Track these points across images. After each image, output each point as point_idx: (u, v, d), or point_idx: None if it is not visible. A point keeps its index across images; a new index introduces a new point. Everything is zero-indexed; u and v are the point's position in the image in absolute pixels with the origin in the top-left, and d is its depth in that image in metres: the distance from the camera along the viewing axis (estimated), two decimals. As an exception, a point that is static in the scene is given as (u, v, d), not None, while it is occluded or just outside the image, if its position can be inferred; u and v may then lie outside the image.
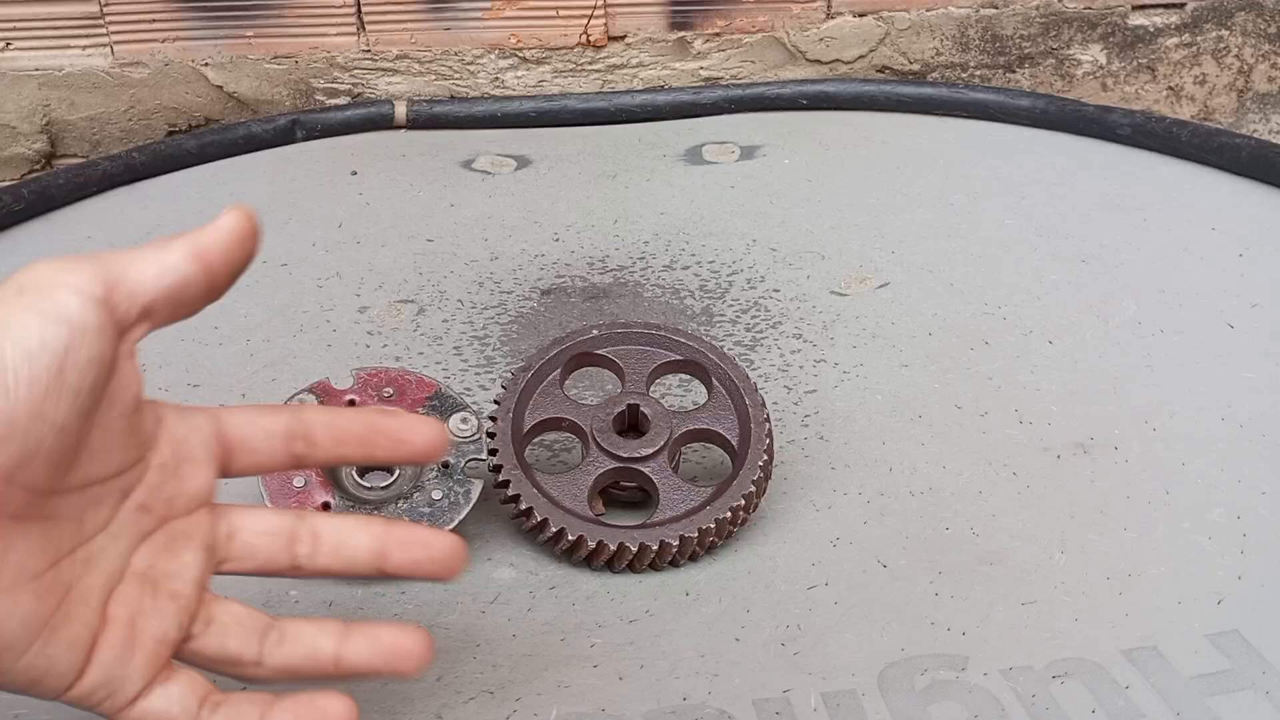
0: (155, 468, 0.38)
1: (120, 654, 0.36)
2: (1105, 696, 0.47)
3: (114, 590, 0.36)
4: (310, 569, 0.41)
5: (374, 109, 0.96)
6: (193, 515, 0.39)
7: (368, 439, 0.41)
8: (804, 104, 0.99)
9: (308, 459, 0.41)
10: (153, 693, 0.37)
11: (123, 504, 0.37)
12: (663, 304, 0.74)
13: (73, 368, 0.33)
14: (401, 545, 0.41)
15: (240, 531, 0.40)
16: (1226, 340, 0.69)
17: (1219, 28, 1.11)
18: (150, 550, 0.37)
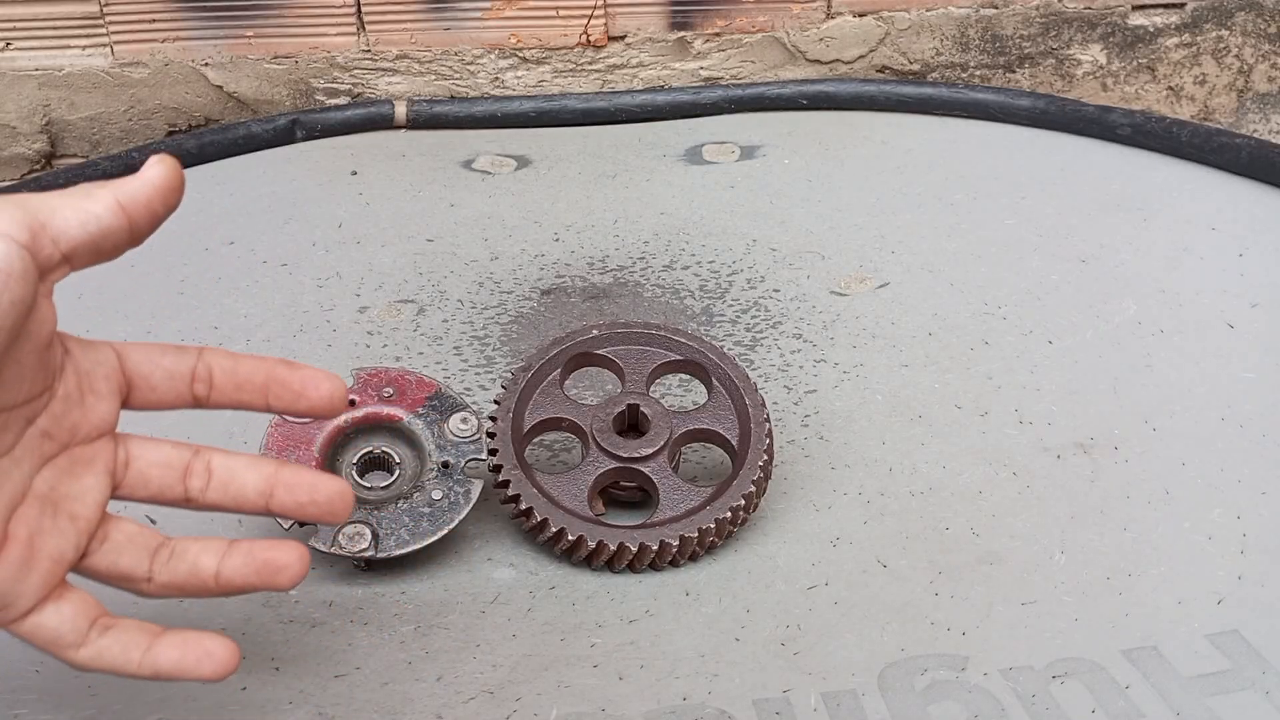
0: (60, 397, 0.39)
1: (16, 571, 0.37)
2: (1105, 696, 0.47)
3: (16, 510, 0.38)
4: (201, 502, 0.42)
5: (374, 109, 0.96)
6: (95, 443, 0.40)
7: (267, 388, 0.42)
8: (804, 104, 0.99)
9: (208, 401, 0.42)
10: (45, 609, 0.38)
11: (27, 430, 0.38)
12: (663, 304, 0.74)
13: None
14: (288, 487, 0.42)
15: (136, 460, 0.41)
16: (1226, 340, 0.69)
17: (1219, 28, 1.11)
18: (52, 473, 0.39)
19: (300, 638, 0.51)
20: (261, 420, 0.56)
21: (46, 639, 0.39)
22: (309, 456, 0.54)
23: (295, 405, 0.43)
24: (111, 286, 0.75)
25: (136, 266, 0.78)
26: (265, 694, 0.48)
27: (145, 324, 0.71)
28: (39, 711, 0.47)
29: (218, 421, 0.63)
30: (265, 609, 0.52)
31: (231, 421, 0.63)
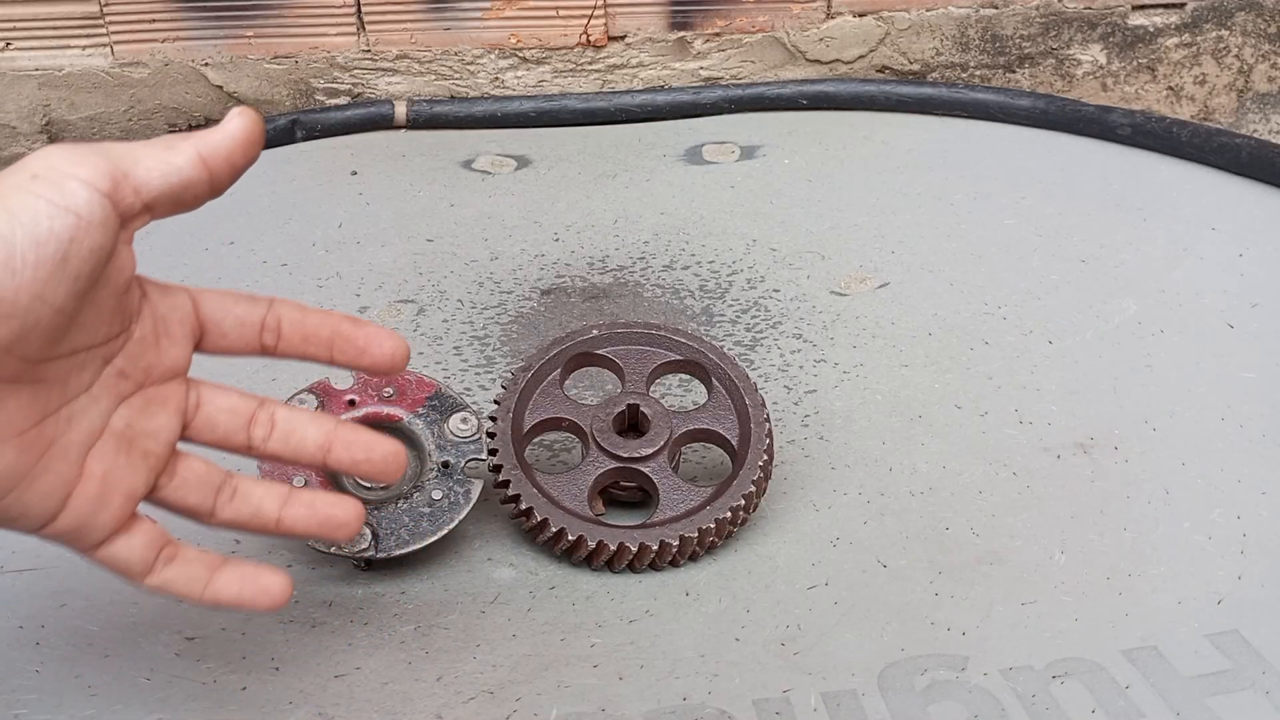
0: (136, 339, 0.41)
1: (92, 506, 0.39)
2: (1105, 696, 0.47)
3: (93, 446, 0.40)
4: (262, 451, 0.44)
5: (374, 109, 0.96)
6: (168, 384, 0.42)
7: (332, 342, 0.44)
8: (804, 104, 0.99)
9: (275, 350, 0.44)
10: (117, 541, 0.41)
11: (104, 369, 0.40)
12: (663, 304, 0.74)
13: (75, 256, 0.35)
14: (345, 444, 0.44)
15: (206, 405, 0.43)
16: (1226, 340, 0.69)
17: (1219, 28, 1.11)
18: (127, 412, 0.41)
19: (300, 638, 0.51)
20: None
21: (117, 567, 0.41)
22: (309, 456, 0.54)
23: (358, 361, 0.45)
24: (111, 286, 0.75)
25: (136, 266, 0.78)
26: (265, 694, 0.48)
27: None
28: (39, 711, 0.47)
29: (218, 421, 0.63)
30: (265, 609, 0.52)
31: (231, 421, 0.63)
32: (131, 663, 0.49)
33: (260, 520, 0.44)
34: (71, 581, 0.53)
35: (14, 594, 0.52)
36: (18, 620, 0.51)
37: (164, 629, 0.51)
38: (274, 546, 0.55)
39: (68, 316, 0.36)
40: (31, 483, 0.38)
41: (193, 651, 0.50)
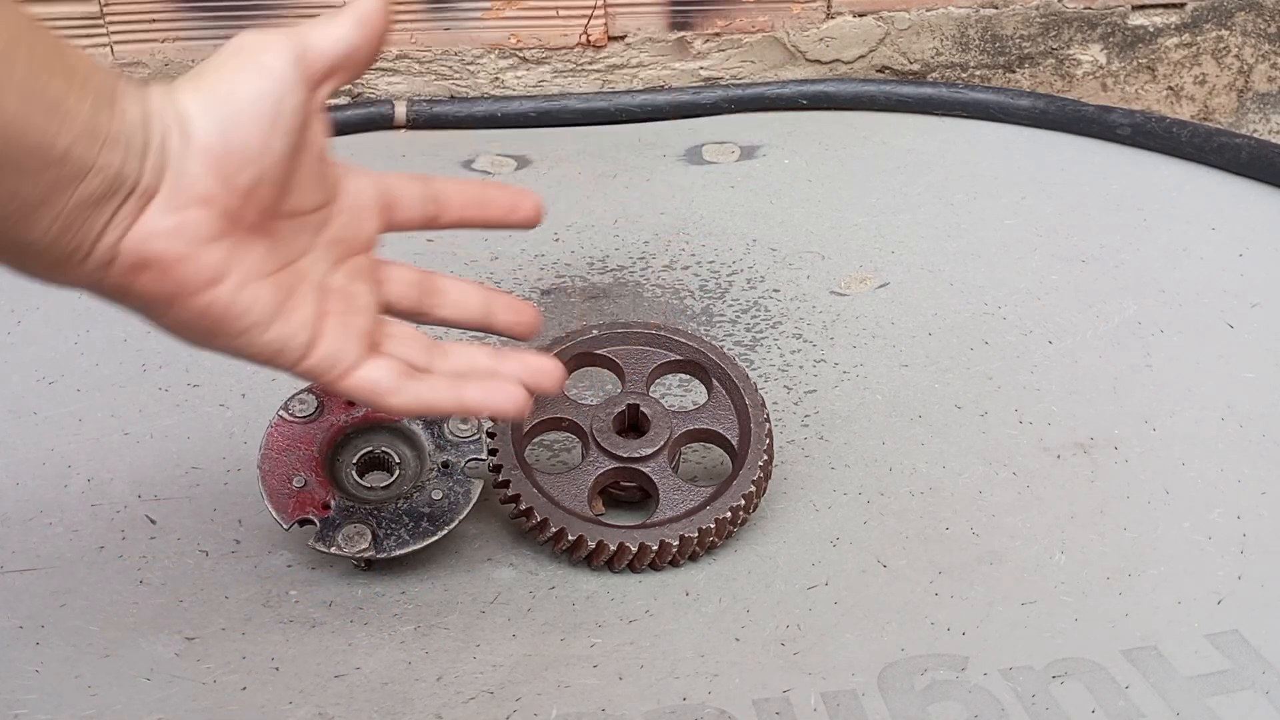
0: (339, 212, 0.46)
1: (339, 336, 0.45)
2: (1105, 696, 0.47)
3: (325, 295, 0.45)
4: (435, 317, 0.50)
5: (374, 109, 0.96)
6: (364, 255, 0.48)
7: (484, 204, 0.50)
8: (804, 104, 0.99)
9: (439, 220, 0.50)
10: (365, 365, 0.46)
11: (318, 236, 0.46)
12: (663, 304, 0.74)
13: (284, 112, 0.41)
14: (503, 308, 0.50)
15: (390, 278, 0.49)
16: (1226, 340, 0.69)
17: (1219, 28, 1.11)
18: (342, 275, 0.46)
19: (300, 638, 0.51)
20: (261, 420, 0.56)
21: (368, 389, 0.45)
22: (309, 456, 0.54)
23: (508, 219, 0.50)
24: (111, 286, 0.75)
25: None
26: (265, 694, 0.48)
27: (145, 324, 0.71)
28: (39, 711, 0.47)
29: (218, 421, 0.63)
30: (265, 609, 0.52)
31: (232, 422, 0.63)
32: (131, 663, 0.49)
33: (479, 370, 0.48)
34: (71, 581, 0.53)
35: (14, 594, 0.52)
36: (18, 620, 0.51)
37: (164, 629, 0.51)
38: (274, 546, 0.55)
39: (286, 169, 0.42)
40: (289, 315, 0.43)
41: (193, 651, 0.50)
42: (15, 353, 0.69)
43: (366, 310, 0.47)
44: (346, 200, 0.47)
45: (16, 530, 0.56)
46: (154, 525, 0.56)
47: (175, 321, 0.43)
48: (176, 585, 0.53)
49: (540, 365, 0.49)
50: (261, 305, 0.42)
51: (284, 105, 0.41)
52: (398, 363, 0.46)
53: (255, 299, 0.42)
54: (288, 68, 0.42)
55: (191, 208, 0.40)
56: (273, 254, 0.43)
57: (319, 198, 0.45)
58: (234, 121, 0.40)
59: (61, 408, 0.64)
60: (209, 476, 0.59)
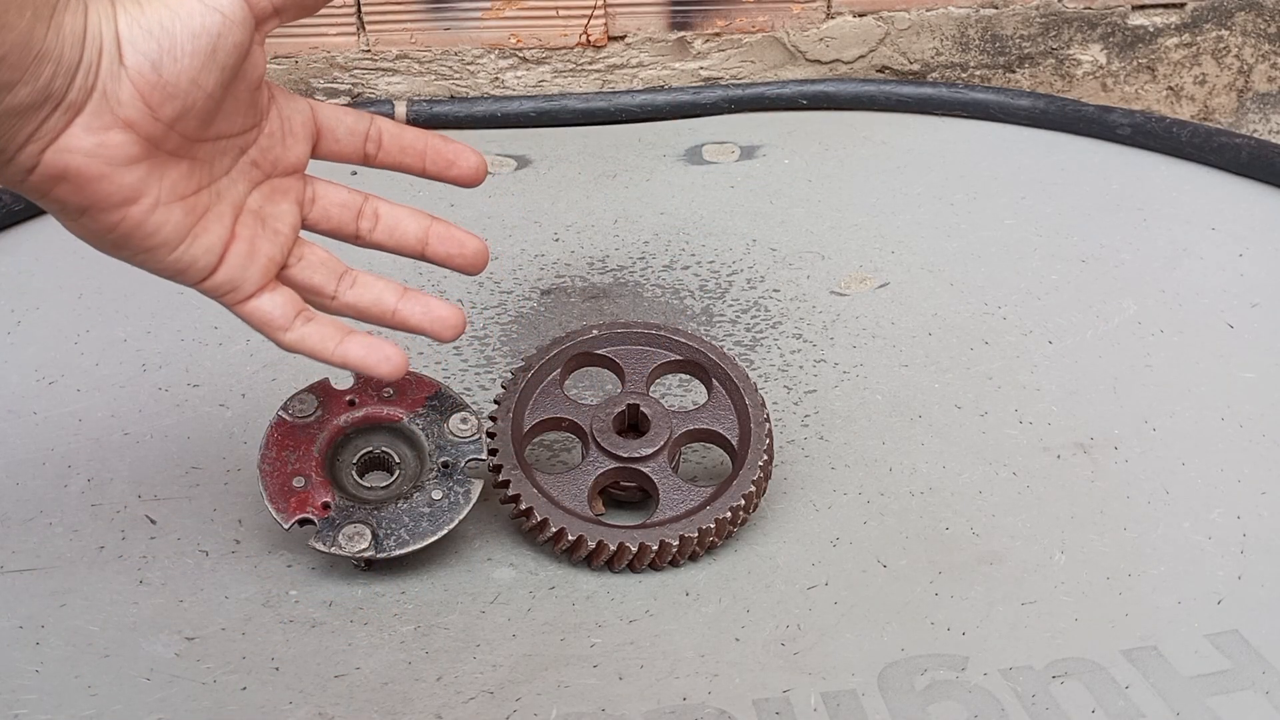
0: (266, 134, 0.47)
1: (243, 261, 0.46)
2: (1105, 696, 0.47)
3: (238, 217, 0.46)
4: (368, 240, 0.51)
5: (374, 109, 0.96)
6: (290, 177, 0.49)
7: (425, 154, 0.51)
8: (804, 104, 0.99)
9: (375, 160, 0.50)
10: (263, 295, 0.47)
11: (241, 158, 0.47)
12: (663, 304, 0.74)
13: (222, 49, 0.42)
14: (441, 238, 0.51)
15: (321, 198, 0.50)
16: (1226, 340, 0.69)
17: (1219, 28, 1.11)
18: (260, 195, 0.47)
19: (300, 638, 0.51)
20: (261, 420, 0.56)
21: (262, 319, 0.47)
22: (309, 456, 0.54)
23: (447, 171, 0.51)
24: (111, 286, 0.75)
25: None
26: (265, 694, 0.48)
27: (145, 324, 0.71)
28: (39, 711, 0.47)
29: (218, 421, 0.63)
30: (265, 609, 0.52)
31: (232, 422, 0.63)
32: (131, 663, 0.49)
33: (379, 308, 0.50)
34: (71, 581, 0.53)
35: (14, 594, 0.52)
36: (18, 620, 0.51)
37: (164, 629, 0.51)
38: (274, 546, 0.55)
39: (216, 102, 0.43)
40: (197, 238, 0.45)
41: (193, 651, 0.50)
42: (15, 353, 0.69)
43: (281, 233, 0.48)
44: (275, 124, 0.47)
45: (16, 530, 0.56)
46: (154, 525, 0.56)
47: (84, 230, 0.43)
48: (176, 585, 0.53)
49: (441, 313, 0.50)
50: (170, 227, 0.44)
51: (223, 42, 0.42)
52: (295, 300, 0.48)
53: (165, 220, 0.43)
54: (236, 6, 0.42)
55: (114, 130, 0.41)
56: (190, 176, 0.44)
57: (246, 123, 0.46)
58: (170, 54, 0.41)
59: (61, 408, 0.64)
60: (209, 476, 0.59)
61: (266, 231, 0.47)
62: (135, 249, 0.44)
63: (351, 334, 0.49)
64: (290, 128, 0.48)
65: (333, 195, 0.50)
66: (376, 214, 0.51)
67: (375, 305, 0.50)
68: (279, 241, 0.48)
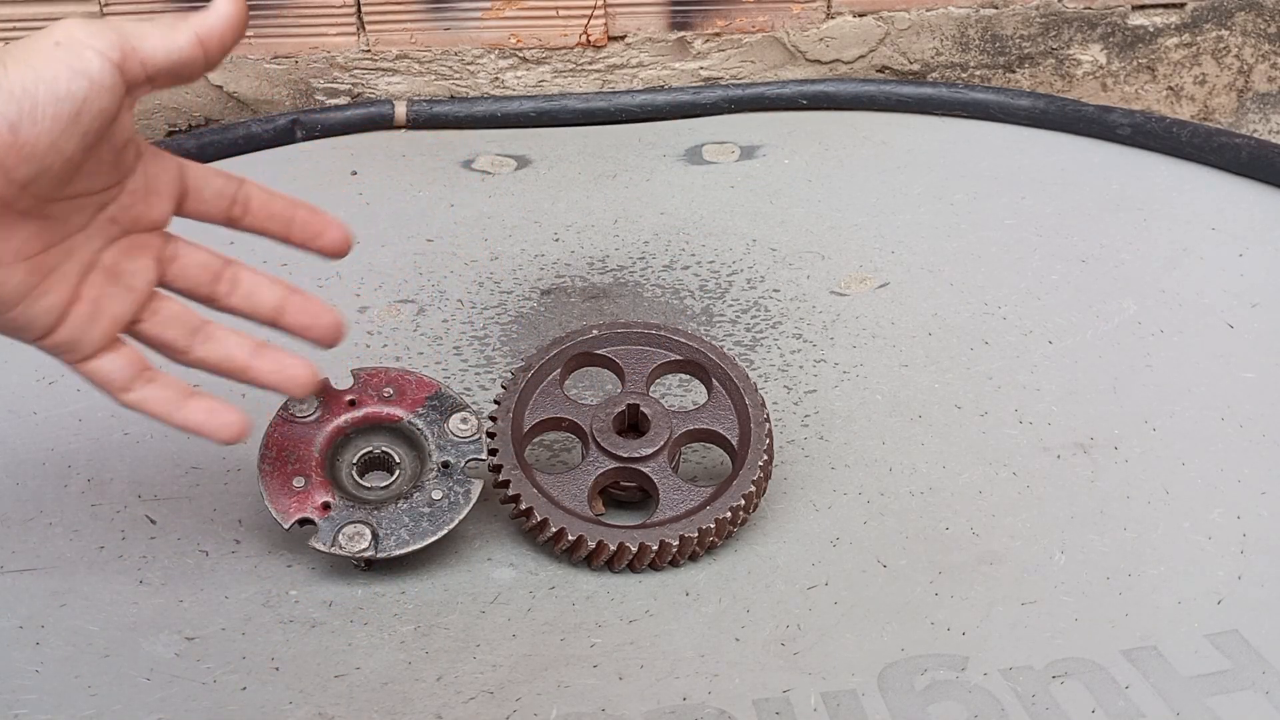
0: (129, 191, 0.46)
1: (84, 323, 0.46)
2: (1105, 696, 0.47)
3: (86, 276, 0.46)
4: (224, 304, 0.50)
5: (374, 109, 0.96)
6: (151, 234, 0.48)
7: (290, 223, 0.50)
8: (804, 104, 0.99)
9: (240, 223, 0.50)
10: (103, 357, 0.47)
11: (99, 214, 0.46)
12: (663, 304, 0.74)
13: (86, 114, 0.41)
14: (297, 309, 0.51)
15: (181, 257, 0.49)
16: (1226, 340, 0.69)
17: (1219, 28, 1.11)
18: (115, 252, 0.47)
19: (300, 638, 0.51)
20: (261, 420, 0.56)
21: (102, 380, 0.47)
22: (309, 456, 0.54)
23: (312, 243, 0.51)
24: (111, 286, 0.75)
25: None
26: (265, 694, 0.48)
27: (145, 324, 0.71)
28: (39, 711, 0.47)
29: (218, 421, 0.63)
30: (265, 609, 0.52)
31: (231, 421, 0.63)
32: (131, 663, 0.49)
33: (230, 364, 0.49)
34: (71, 581, 0.53)
35: (14, 594, 0.52)
36: (18, 620, 0.51)
37: (164, 629, 0.51)
38: (274, 546, 0.55)
39: (75, 165, 0.42)
40: (38, 299, 0.44)
41: (193, 651, 0.50)
42: (15, 353, 0.68)
43: (134, 289, 0.47)
44: (139, 181, 0.47)
45: (16, 530, 0.56)
46: (154, 525, 0.56)
47: None
48: (176, 585, 0.53)
49: (293, 371, 0.50)
50: (10, 287, 0.43)
51: (88, 107, 0.41)
52: (136, 360, 0.47)
53: (4, 281, 0.43)
54: (106, 71, 0.41)
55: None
56: (39, 235, 0.43)
57: (108, 181, 0.45)
58: (30, 117, 0.40)
59: (61, 408, 0.64)
60: (209, 476, 0.59)
61: (118, 289, 0.47)
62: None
63: (193, 397, 0.48)
64: (154, 186, 0.47)
65: (193, 256, 0.49)
66: (236, 279, 0.50)
67: (227, 361, 0.49)
68: (130, 298, 0.47)
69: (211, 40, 0.44)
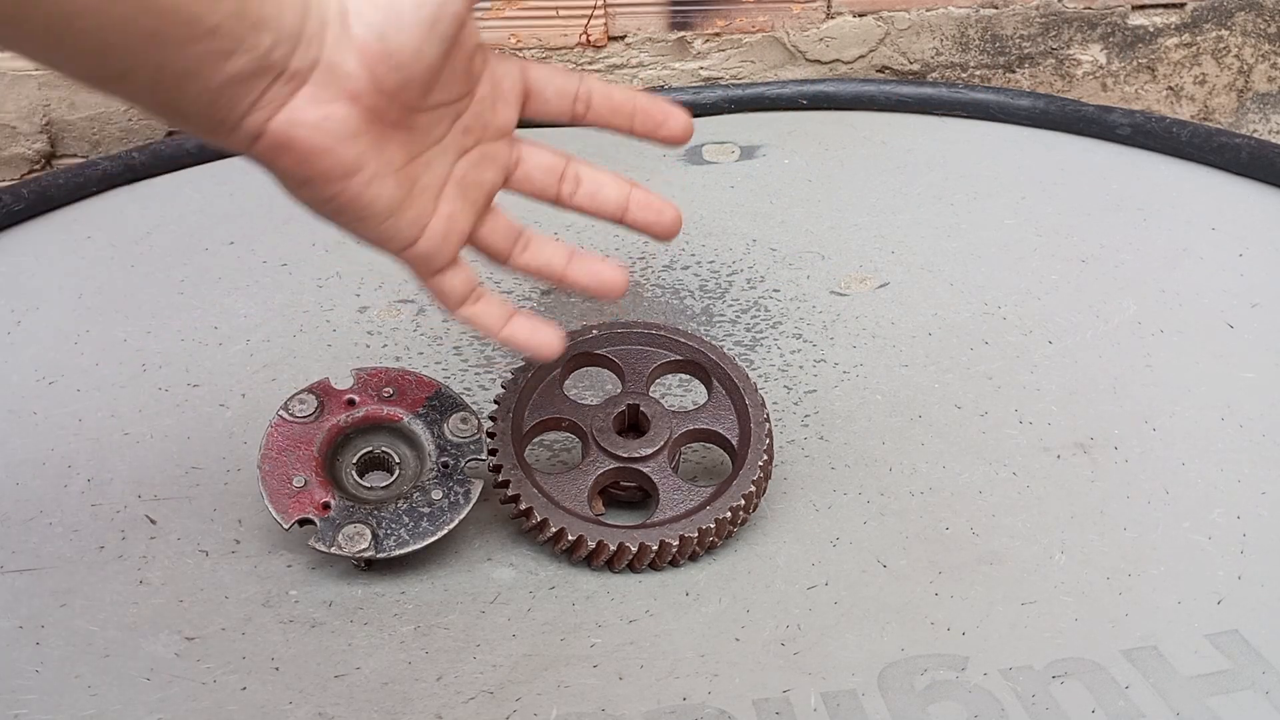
0: (478, 100, 0.47)
1: (439, 237, 0.47)
2: (1105, 696, 0.47)
3: (443, 189, 0.47)
4: (568, 204, 0.51)
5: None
6: (498, 142, 0.49)
7: (632, 114, 0.51)
8: (804, 104, 0.99)
9: (583, 120, 0.51)
10: (449, 271, 0.49)
11: (454, 125, 0.47)
12: (663, 304, 0.74)
13: (443, 19, 0.42)
14: (640, 205, 0.51)
15: (525, 161, 0.50)
16: (1226, 340, 0.69)
17: (1219, 28, 1.11)
18: (466, 163, 0.48)
19: (300, 638, 0.51)
20: (261, 420, 0.56)
21: (444, 293, 0.49)
22: (309, 456, 0.54)
23: (655, 133, 0.51)
24: (111, 286, 0.75)
25: (136, 267, 0.78)
26: (265, 694, 0.48)
27: (145, 324, 0.71)
28: (39, 711, 0.47)
29: (218, 421, 0.63)
30: (265, 609, 0.52)
31: (232, 422, 0.63)
32: (131, 663, 0.49)
33: (549, 270, 0.51)
34: (71, 581, 0.53)
35: (14, 594, 0.52)
36: (18, 620, 0.51)
37: (164, 629, 0.51)
38: (274, 546, 0.55)
39: (435, 72, 0.43)
40: (404, 211, 0.46)
41: (193, 651, 0.50)
42: (15, 353, 0.69)
43: (478, 203, 0.49)
44: (487, 88, 0.48)
45: (16, 530, 0.56)
46: (154, 525, 0.56)
47: (304, 199, 0.45)
48: (176, 585, 0.53)
49: (606, 276, 0.51)
50: (384, 200, 0.45)
51: (444, 12, 0.42)
52: (473, 279, 0.49)
53: (379, 194, 0.44)
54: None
55: (338, 102, 0.42)
56: (406, 147, 0.45)
57: (460, 90, 0.46)
58: (396, 24, 0.41)
59: (61, 408, 0.64)
60: (209, 476, 0.59)
61: (465, 202, 0.48)
62: (349, 218, 0.45)
63: (516, 315, 0.51)
64: (500, 91, 0.48)
65: (537, 158, 0.51)
66: (578, 178, 0.51)
67: (546, 268, 0.51)
68: (474, 211, 0.49)
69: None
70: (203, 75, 0.39)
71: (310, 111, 0.41)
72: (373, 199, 0.44)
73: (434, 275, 0.48)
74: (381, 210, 0.45)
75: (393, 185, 0.45)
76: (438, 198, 0.47)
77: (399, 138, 0.44)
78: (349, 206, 0.44)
